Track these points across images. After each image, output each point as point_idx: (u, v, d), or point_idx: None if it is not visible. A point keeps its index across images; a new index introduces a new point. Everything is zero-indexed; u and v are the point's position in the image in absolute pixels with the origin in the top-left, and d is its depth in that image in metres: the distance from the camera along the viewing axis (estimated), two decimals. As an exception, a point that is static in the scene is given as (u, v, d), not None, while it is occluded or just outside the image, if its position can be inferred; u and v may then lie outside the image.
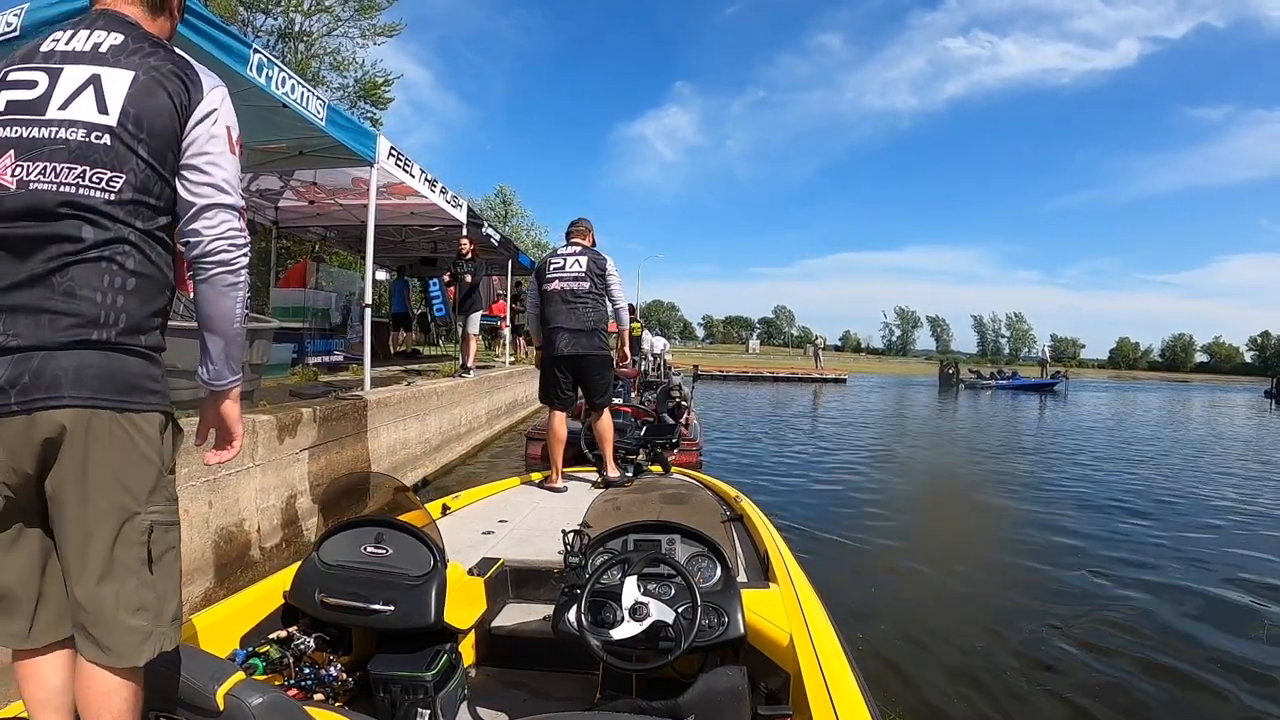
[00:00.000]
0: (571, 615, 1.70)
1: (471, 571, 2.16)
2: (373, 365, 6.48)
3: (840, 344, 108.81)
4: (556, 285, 3.92)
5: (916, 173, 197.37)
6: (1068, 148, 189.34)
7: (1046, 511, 6.86)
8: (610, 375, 4.10)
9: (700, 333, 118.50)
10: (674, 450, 4.66)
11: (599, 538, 1.96)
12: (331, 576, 1.84)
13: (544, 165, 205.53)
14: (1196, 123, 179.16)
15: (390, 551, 1.90)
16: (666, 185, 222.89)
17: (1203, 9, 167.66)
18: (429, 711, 1.72)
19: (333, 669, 1.75)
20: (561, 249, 4.08)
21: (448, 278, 9.29)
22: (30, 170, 1.09)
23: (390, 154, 6.16)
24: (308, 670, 1.73)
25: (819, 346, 40.14)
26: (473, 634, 2.12)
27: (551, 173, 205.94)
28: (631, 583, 1.70)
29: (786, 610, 1.89)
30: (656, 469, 4.14)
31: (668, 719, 1.60)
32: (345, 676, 1.77)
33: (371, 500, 2.48)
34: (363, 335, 6.62)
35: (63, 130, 1.11)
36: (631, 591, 1.68)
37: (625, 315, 4.15)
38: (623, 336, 4.32)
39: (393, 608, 1.75)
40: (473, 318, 9.18)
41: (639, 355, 13.69)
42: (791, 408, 19.41)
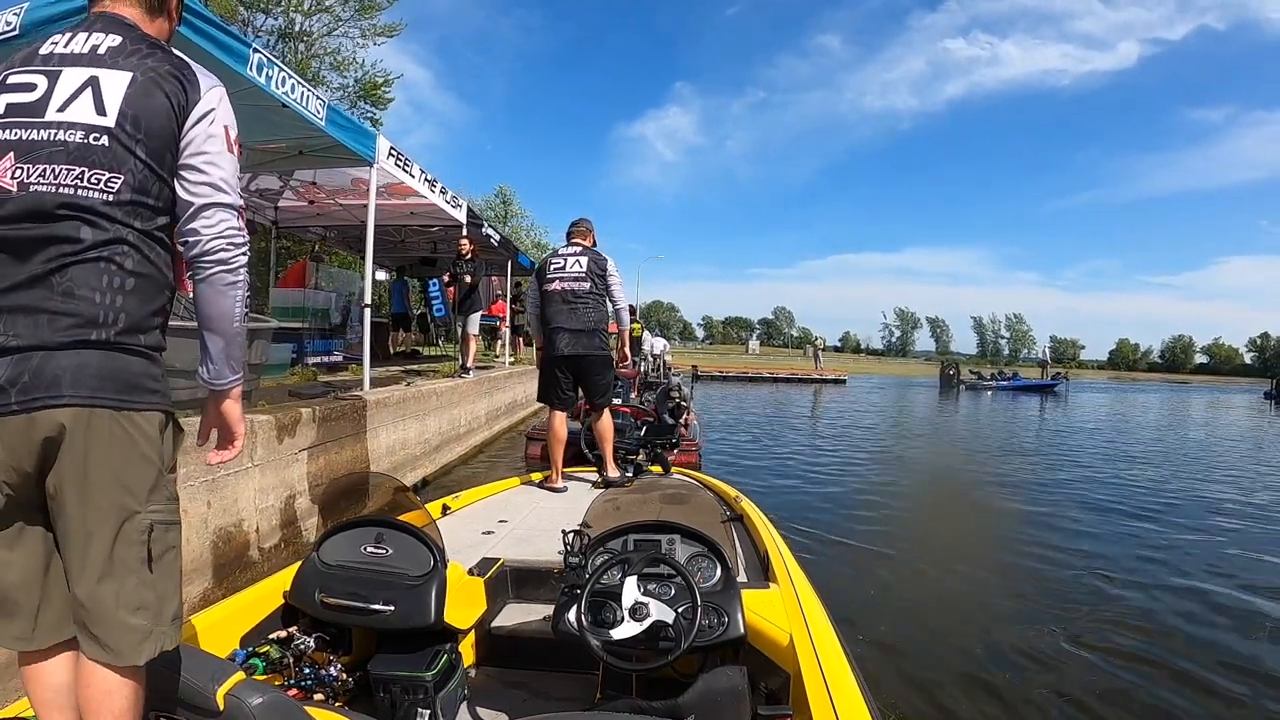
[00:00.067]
0: (571, 615, 1.70)
1: (471, 571, 2.16)
2: (372, 365, 6.47)
3: (840, 345, 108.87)
4: (557, 285, 3.92)
5: (916, 174, 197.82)
6: (1067, 149, 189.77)
7: (1047, 512, 6.86)
8: (611, 375, 4.10)
9: (700, 333, 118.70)
10: (674, 450, 4.66)
11: (599, 538, 1.96)
12: (331, 576, 1.84)
13: (544, 165, 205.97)
14: (1196, 124, 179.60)
15: (390, 551, 1.90)
16: (666, 186, 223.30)
17: (1203, 10, 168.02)
18: (429, 711, 1.72)
19: (333, 669, 1.75)
20: (562, 249, 4.08)
21: (447, 278, 9.28)
22: (30, 172, 1.09)
23: (390, 154, 6.16)
24: (308, 670, 1.73)
25: (819, 347, 40.08)
26: (473, 634, 2.12)
27: (551, 173, 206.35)
28: (631, 583, 1.70)
29: (786, 610, 1.89)
30: (656, 469, 4.14)
31: (668, 719, 1.60)
32: (345, 676, 1.77)
33: (371, 500, 2.49)
34: (362, 335, 6.62)
35: (61, 132, 1.11)
36: (631, 591, 1.68)
37: (626, 316, 4.15)
38: (623, 337, 4.33)
39: (393, 608, 1.74)
40: (472, 318, 9.18)
41: (639, 356, 13.69)
42: (791, 408, 19.41)
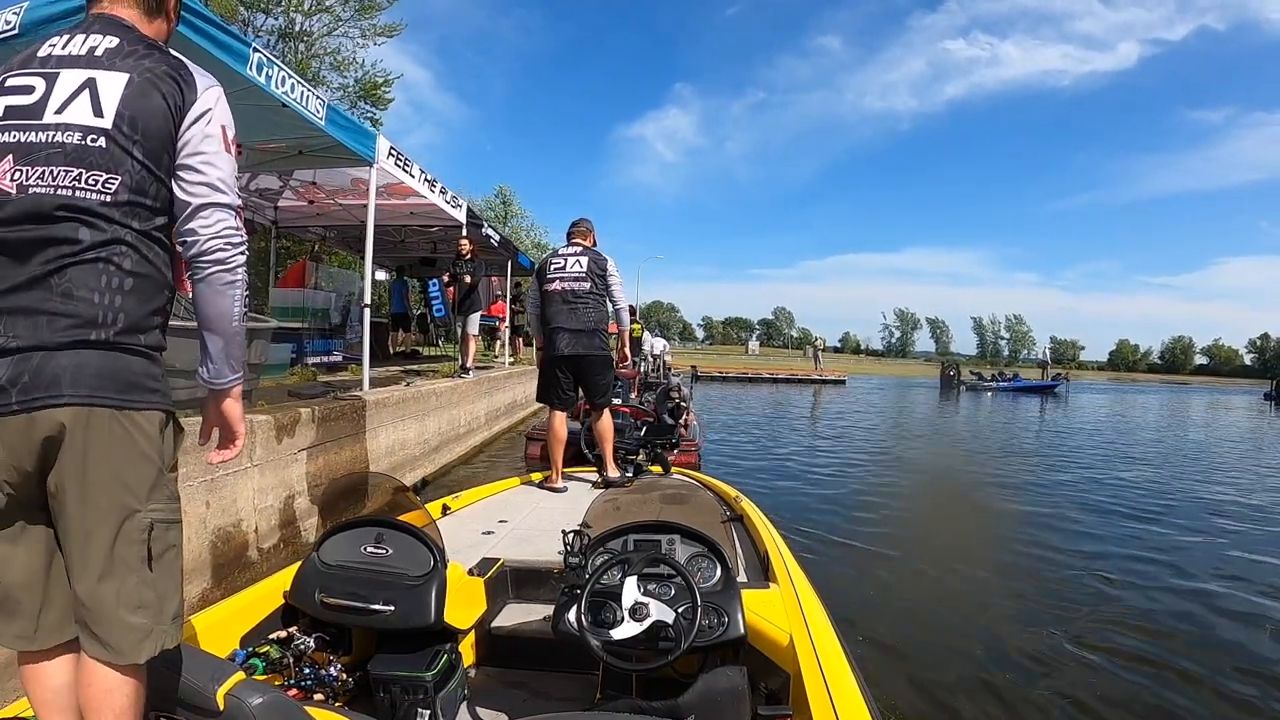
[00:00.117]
0: (571, 615, 1.70)
1: (471, 571, 2.16)
2: (371, 365, 6.47)
3: (840, 345, 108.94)
4: (557, 285, 3.91)
5: (916, 174, 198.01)
6: (1067, 150, 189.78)
7: (1048, 512, 6.86)
8: (611, 375, 4.10)
9: (700, 334, 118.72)
10: (674, 451, 4.66)
11: (599, 538, 1.96)
12: (331, 577, 1.84)
13: (544, 166, 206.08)
14: (1196, 125, 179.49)
15: (390, 552, 1.90)
16: (666, 186, 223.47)
17: (1203, 11, 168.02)
18: (429, 711, 1.72)
19: (333, 669, 1.74)
20: (562, 249, 4.08)
21: (447, 278, 9.28)
22: (29, 174, 1.09)
23: (390, 154, 6.16)
24: (308, 670, 1.73)
25: (818, 348, 40.08)
26: (473, 634, 2.12)
27: (551, 173, 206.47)
28: (631, 583, 1.70)
29: (786, 610, 1.89)
30: (656, 469, 4.14)
31: (668, 719, 1.60)
32: (345, 676, 1.77)
33: (371, 500, 2.48)
34: (362, 335, 6.62)
35: (59, 134, 1.11)
36: (631, 592, 1.68)
37: (626, 316, 4.14)
38: (623, 337, 4.32)
39: (393, 608, 1.74)
40: (472, 318, 9.18)
41: (639, 356, 13.69)
42: (791, 409, 19.40)
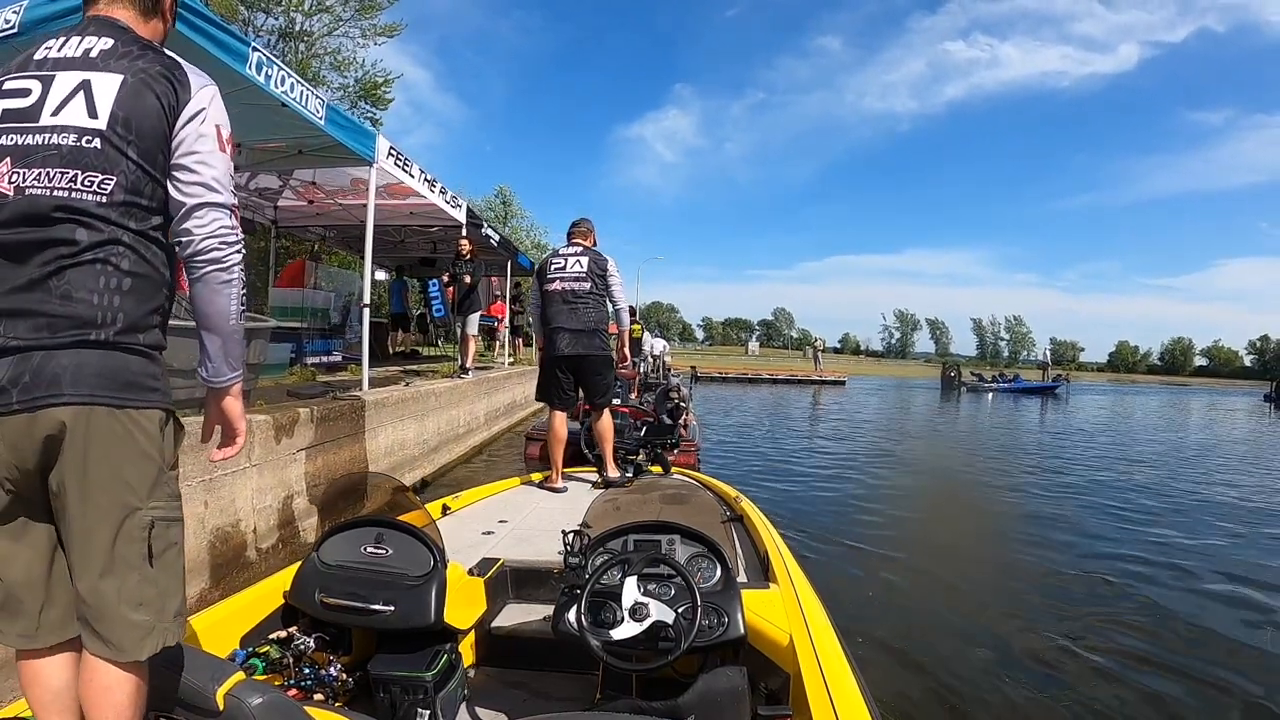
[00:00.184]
0: (571, 615, 1.70)
1: (471, 572, 2.16)
2: (371, 366, 6.47)
3: (840, 346, 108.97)
4: (557, 285, 3.91)
5: (916, 175, 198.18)
6: (1067, 150, 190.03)
7: (1049, 513, 6.86)
8: (611, 375, 4.10)
9: (700, 334, 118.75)
10: (673, 451, 4.66)
11: (599, 538, 1.96)
12: (331, 577, 1.84)
13: (544, 166, 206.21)
14: (1196, 126, 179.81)
15: (390, 552, 1.90)
16: (666, 187, 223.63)
17: (1203, 13, 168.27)
18: (429, 711, 1.72)
19: (333, 669, 1.74)
20: (562, 249, 4.08)
21: (446, 278, 9.28)
22: (26, 177, 1.10)
23: (389, 154, 6.17)
24: (308, 670, 1.73)
25: (818, 349, 40.08)
26: (473, 634, 2.12)
27: (551, 174, 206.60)
28: (631, 583, 1.70)
29: (786, 610, 1.89)
30: (656, 469, 4.14)
31: (668, 719, 1.60)
32: (345, 676, 1.77)
33: (371, 500, 2.48)
34: (361, 335, 6.62)
35: (55, 136, 1.12)
36: (631, 592, 1.68)
37: (626, 316, 4.15)
38: (622, 338, 4.32)
39: (393, 608, 1.74)
40: (471, 318, 9.18)
41: (639, 357, 13.68)
42: (791, 410, 19.40)
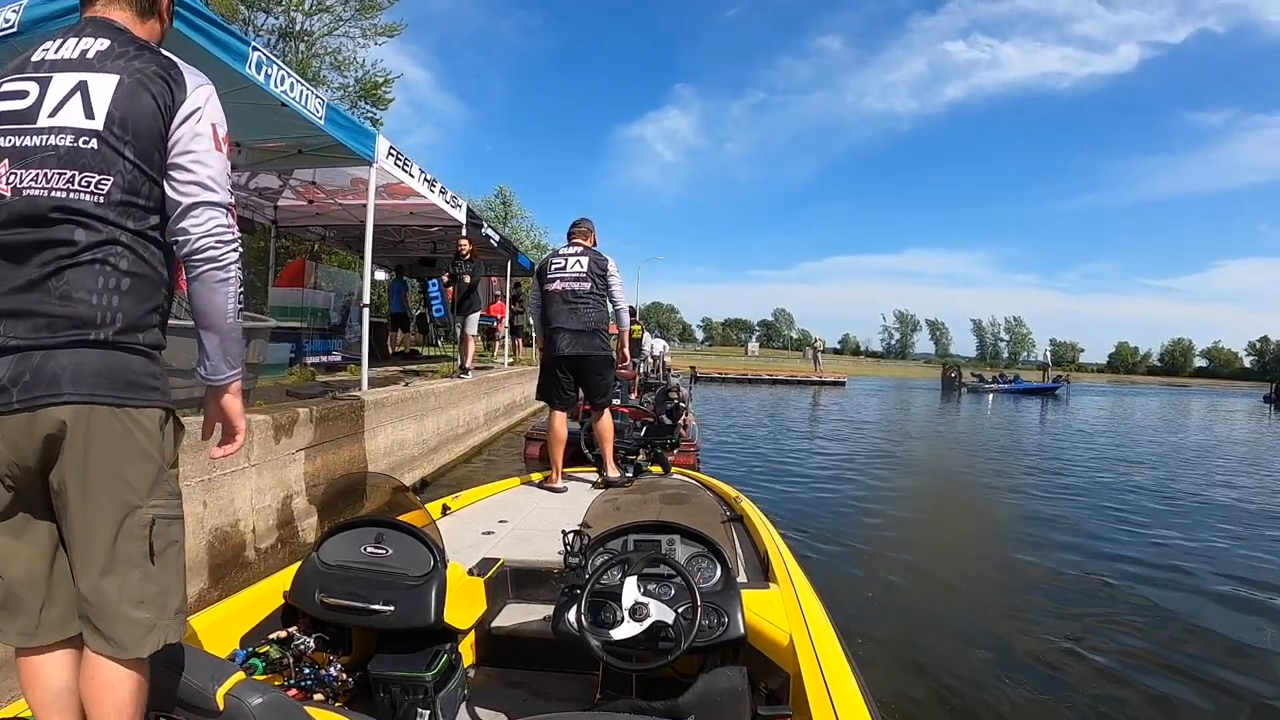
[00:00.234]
0: (571, 615, 1.70)
1: (471, 571, 2.16)
2: (371, 366, 6.47)
3: (839, 347, 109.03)
4: (558, 285, 3.91)
5: (916, 176, 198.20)
6: (1067, 151, 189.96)
7: (1050, 514, 6.85)
8: (611, 376, 4.10)
9: (700, 335, 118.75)
10: (673, 451, 4.66)
11: (599, 538, 1.96)
12: (331, 577, 1.84)
13: (544, 166, 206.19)
14: (1196, 127, 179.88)
15: (390, 552, 1.90)
16: (666, 187, 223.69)
17: (1203, 14, 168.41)
18: (429, 711, 1.71)
19: (333, 669, 1.74)
20: (563, 249, 4.08)
21: (446, 278, 9.28)
22: (24, 178, 1.11)
23: (389, 153, 6.16)
24: (308, 670, 1.73)
25: (818, 349, 40.11)
26: (473, 634, 2.12)
27: (551, 174, 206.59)
28: (631, 583, 1.70)
29: (786, 610, 1.89)
30: (656, 469, 4.13)
31: (667, 719, 1.60)
32: (345, 676, 1.76)
33: (371, 500, 2.48)
34: (361, 335, 6.61)
35: (53, 137, 1.12)
36: (631, 592, 1.68)
37: (625, 317, 4.14)
38: (622, 338, 4.32)
39: (393, 608, 1.74)
40: (471, 318, 9.17)
41: (639, 357, 13.67)
42: (791, 411, 19.39)
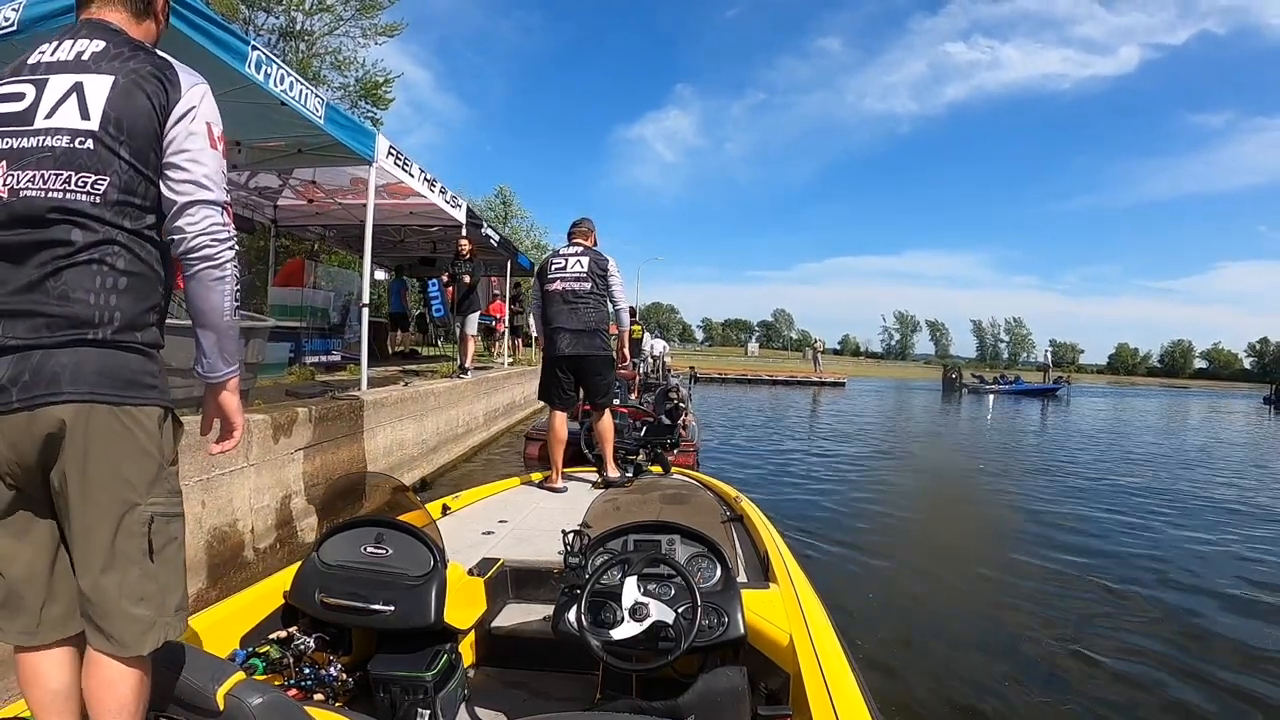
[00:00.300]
0: (571, 615, 1.70)
1: (471, 571, 2.16)
2: (370, 365, 6.46)
3: (839, 347, 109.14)
4: (558, 285, 3.91)
5: (916, 176, 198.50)
6: (1067, 153, 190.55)
7: (1051, 515, 6.85)
8: (611, 376, 4.10)
9: (699, 335, 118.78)
10: (673, 451, 4.66)
11: (599, 538, 1.96)
12: (331, 577, 1.84)
13: (544, 166, 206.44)
14: (1197, 129, 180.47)
15: (390, 552, 1.90)
16: (666, 187, 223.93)
17: (1204, 16, 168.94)
18: (429, 711, 1.71)
19: (333, 669, 1.74)
20: (563, 249, 4.07)
21: (446, 278, 9.26)
22: (21, 179, 1.11)
23: (389, 153, 6.15)
24: (308, 670, 1.73)
25: (818, 350, 40.15)
26: (473, 634, 2.12)
27: (551, 174, 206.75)
28: (631, 583, 1.70)
29: (786, 610, 1.89)
30: (656, 469, 4.13)
31: (668, 719, 1.60)
32: (345, 676, 1.76)
33: (371, 500, 2.48)
34: (360, 335, 6.61)
35: (49, 138, 1.13)
36: (631, 592, 1.68)
37: (625, 317, 4.14)
38: (622, 338, 4.32)
39: (393, 608, 1.74)
40: (470, 318, 9.16)
41: (639, 358, 13.67)
42: (790, 412, 19.39)
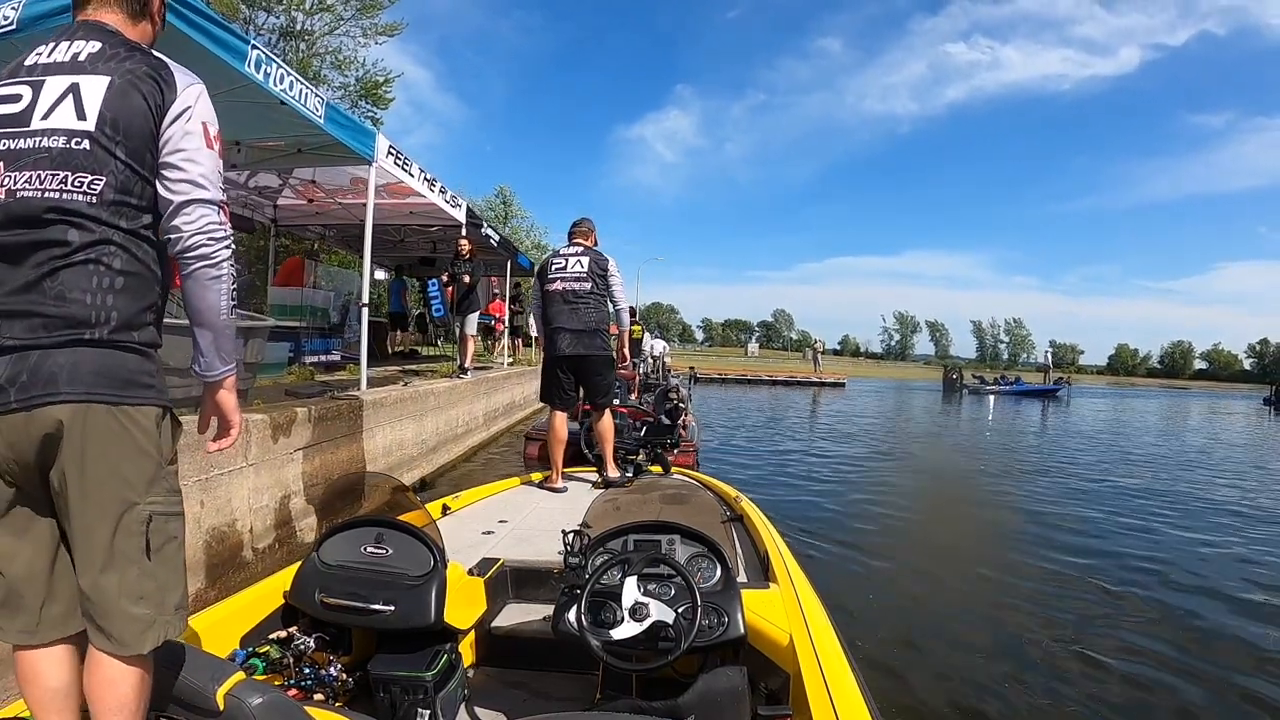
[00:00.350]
0: (571, 615, 1.70)
1: (471, 571, 2.16)
2: (370, 365, 6.45)
3: (839, 348, 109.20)
4: (558, 285, 3.91)
5: (916, 177, 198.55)
6: (1067, 153, 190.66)
7: (1052, 515, 6.85)
8: (612, 376, 4.10)
9: (699, 335, 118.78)
10: (673, 451, 4.66)
11: (599, 538, 1.96)
12: (331, 577, 1.84)
13: (544, 166, 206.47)
14: (1197, 129, 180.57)
15: (390, 552, 1.90)
16: (666, 187, 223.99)
17: (1204, 16, 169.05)
18: (429, 711, 1.71)
19: (333, 669, 1.74)
20: (563, 249, 4.07)
21: (445, 278, 9.26)
22: (18, 180, 1.12)
23: (389, 152, 6.15)
24: (308, 670, 1.73)
25: (818, 350, 40.19)
26: (473, 634, 2.12)
27: (551, 174, 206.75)
28: (631, 583, 1.69)
29: (786, 610, 1.88)
30: (656, 469, 4.13)
31: (668, 719, 1.60)
32: (345, 676, 1.76)
33: (371, 500, 2.48)
34: (360, 335, 6.60)
35: (46, 139, 1.14)
36: (631, 592, 1.68)
37: (626, 317, 4.14)
38: (623, 338, 4.31)
39: (393, 608, 1.74)
40: (470, 318, 9.16)
41: (639, 358, 13.68)
42: (791, 412, 19.39)
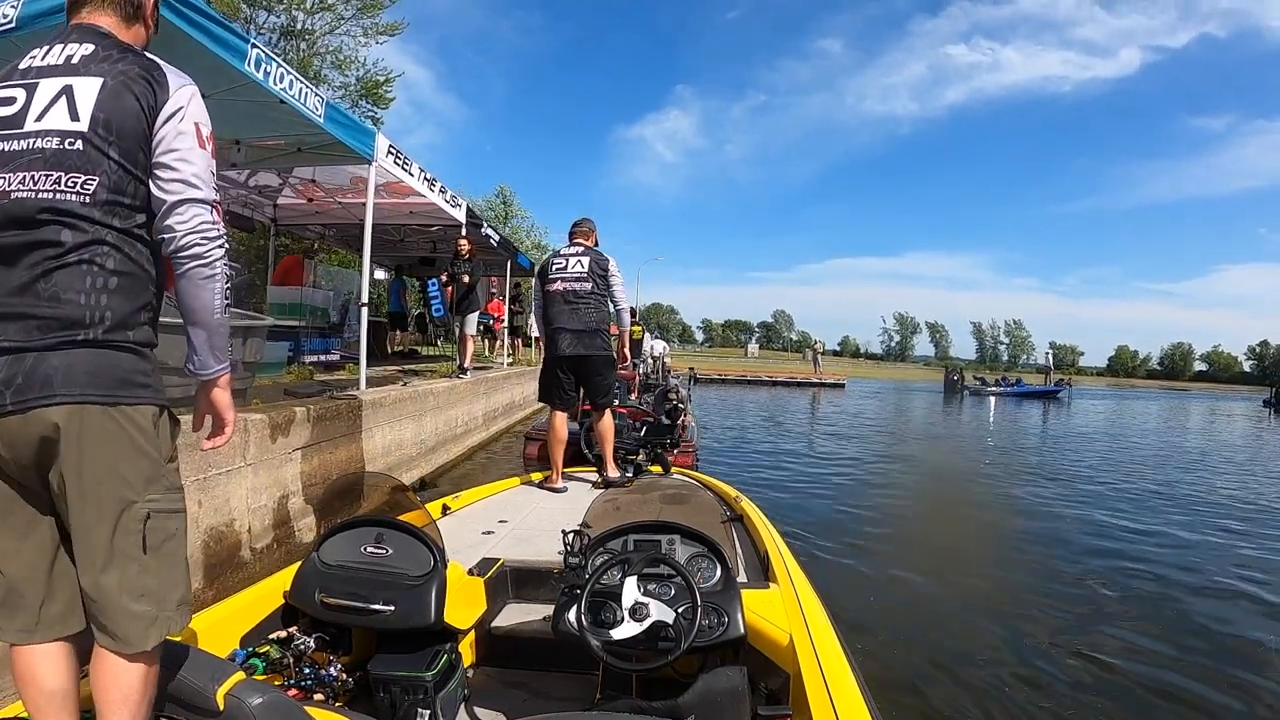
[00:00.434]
0: (571, 615, 1.70)
1: (471, 571, 2.16)
2: (369, 365, 6.45)
3: (839, 349, 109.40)
4: (559, 285, 3.91)
5: (916, 178, 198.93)
6: (1068, 155, 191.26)
7: (1054, 516, 6.85)
8: (612, 376, 4.10)
9: (699, 336, 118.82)
10: (673, 451, 4.66)
11: (599, 538, 1.96)
12: (331, 577, 1.84)
13: (544, 166, 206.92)
14: (1197, 132, 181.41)
15: (390, 552, 1.90)
16: (666, 187, 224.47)
17: (1204, 18, 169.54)
18: (429, 711, 1.71)
19: (333, 669, 1.74)
20: (564, 249, 4.07)
21: (445, 278, 9.25)
22: (11, 181, 1.12)
23: (389, 152, 6.14)
24: (308, 670, 1.73)
25: (818, 351, 40.24)
26: (473, 634, 2.12)
27: (551, 174, 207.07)
28: (631, 583, 1.69)
29: (786, 610, 1.88)
30: (656, 469, 4.13)
31: (668, 719, 1.60)
32: (345, 676, 1.76)
33: (370, 500, 2.47)
34: (359, 334, 6.60)
35: (39, 140, 1.14)
36: (631, 592, 1.68)
37: (626, 317, 4.14)
38: (623, 339, 4.31)
39: (393, 608, 1.74)
40: (470, 318, 9.16)
41: (639, 358, 13.68)
42: (791, 412, 19.38)
